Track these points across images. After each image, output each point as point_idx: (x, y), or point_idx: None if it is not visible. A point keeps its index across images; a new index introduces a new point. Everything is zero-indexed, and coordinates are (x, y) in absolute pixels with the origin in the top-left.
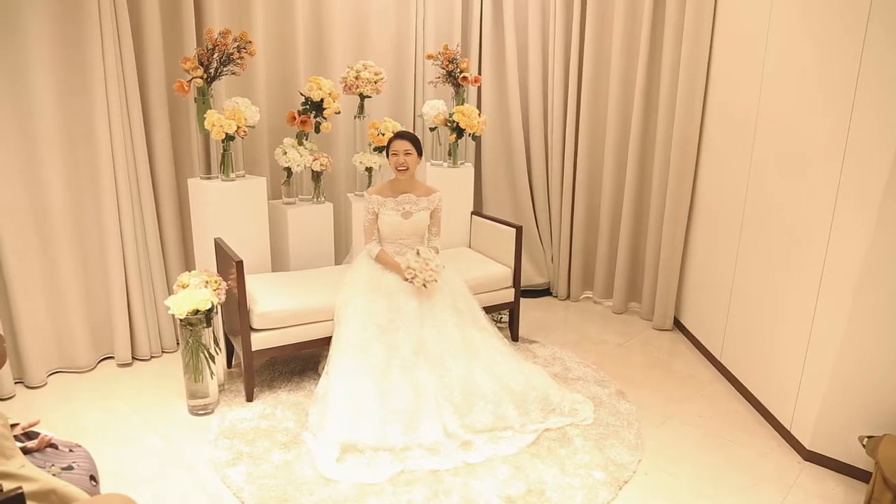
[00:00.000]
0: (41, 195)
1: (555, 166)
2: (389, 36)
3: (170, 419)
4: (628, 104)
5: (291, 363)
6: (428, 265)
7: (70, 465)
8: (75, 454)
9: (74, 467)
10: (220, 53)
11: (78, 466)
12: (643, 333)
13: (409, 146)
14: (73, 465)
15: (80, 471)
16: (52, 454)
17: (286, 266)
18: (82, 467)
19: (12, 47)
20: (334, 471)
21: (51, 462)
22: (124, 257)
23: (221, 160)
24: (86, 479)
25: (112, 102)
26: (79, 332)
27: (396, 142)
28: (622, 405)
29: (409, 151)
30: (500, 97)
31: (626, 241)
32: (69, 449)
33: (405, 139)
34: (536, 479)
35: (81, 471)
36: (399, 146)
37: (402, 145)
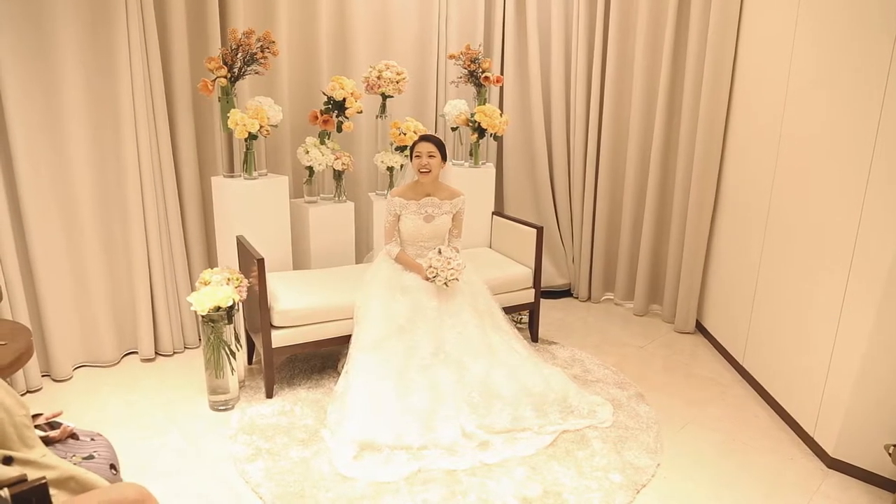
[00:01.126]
0: (69, 194)
1: (577, 166)
2: (412, 36)
3: (191, 414)
4: (651, 104)
5: (312, 360)
6: (449, 264)
7: (91, 454)
8: (96, 443)
9: (95, 456)
10: (243, 53)
11: (98, 455)
12: (665, 336)
13: (432, 148)
14: (93, 455)
15: (100, 460)
16: (73, 444)
17: (307, 264)
18: (103, 456)
19: (43, 44)
20: (351, 468)
21: (72, 452)
22: (148, 254)
23: (244, 159)
24: (105, 467)
25: (138, 101)
26: (104, 327)
27: (420, 144)
28: (641, 408)
29: (433, 154)
30: (523, 97)
31: (649, 242)
32: (90, 438)
33: (429, 142)
34: (553, 480)
35: (102, 460)
36: (422, 148)
37: (426, 147)
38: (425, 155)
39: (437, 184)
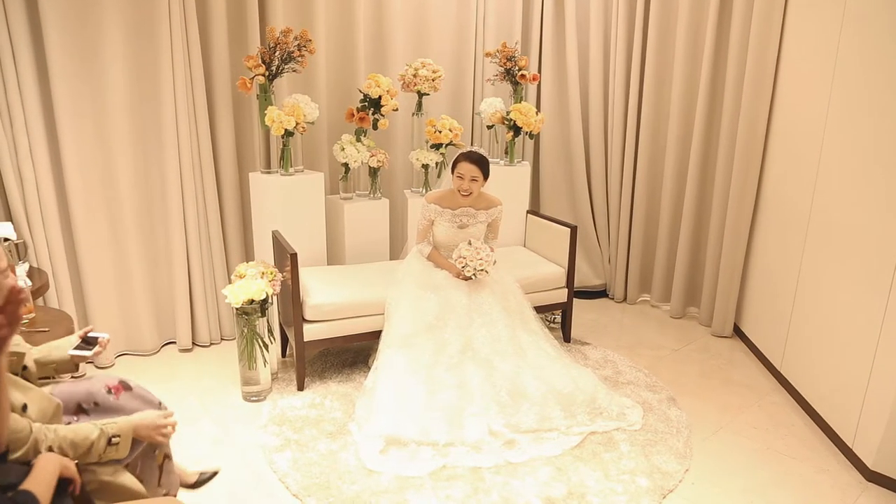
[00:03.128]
0: (113, 188)
1: (614, 166)
2: (449, 34)
3: (224, 404)
4: (691, 103)
5: (343, 355)
6: (479, 254)
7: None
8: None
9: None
10: (281, 52)
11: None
12: (701, 340)
13: (476, 173)
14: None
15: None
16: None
17: (341, 260)
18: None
19: (90, 44)
20: (377, 462)
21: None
22: (188, 248)
23: (281, 155)
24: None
25: (179, 99)
26: (144, 317)
27: (464, 164)
28: (673, 412)
29: (476, 178)
30: (560, 95)
31: (686, 244)
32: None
33: (474, 163)
34: (578, 482)
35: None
36: (466, 170)
37: (470, 170)
38: (468, 178)
39: (476, 196)
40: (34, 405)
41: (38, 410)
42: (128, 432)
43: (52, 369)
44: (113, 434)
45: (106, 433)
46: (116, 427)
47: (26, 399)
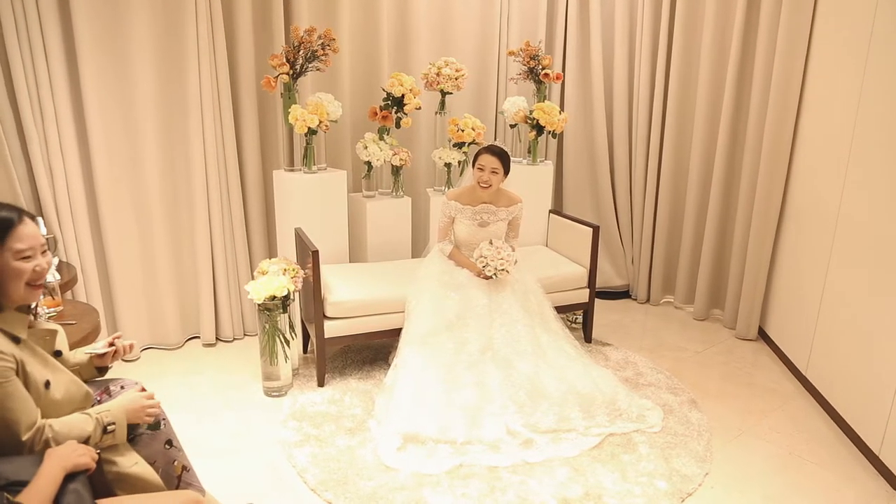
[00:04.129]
0: (140, 186)
1: (638, 166)
2: (473, 33)
3: (245, 398)
4: (717, 103)
5: (364, 352)
6: (499, 253)
7: (159, 422)
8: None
9: (162, 427)
10: (305, 51)
11: (165, 426)
12: (725, 342)
13: (497, 164)
14: (161, 424)
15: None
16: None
17: (363, 258)
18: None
19: (119, 43)
20: (395, 459)
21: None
22: (212, 244)
23: (304, 153)
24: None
25: (205, 97)
26: (169, 312)
27: (485, 156)
28: (693, 415)
29: (496, 170)
30: (584, 95)
31: (711, 245)
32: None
33: (494, 155)
34: (595, 483)
35: (162, 434)
36: (486, 162)
37: (491, 162)
38: (488, 170)
39: (496, 192)
40: (61, 386)
41: (64, 391)
42: (122, 418)
43: (76, 372)
44: (108, 423)
45: (101, 422)
46: (111, 415)
47: (51, 377)
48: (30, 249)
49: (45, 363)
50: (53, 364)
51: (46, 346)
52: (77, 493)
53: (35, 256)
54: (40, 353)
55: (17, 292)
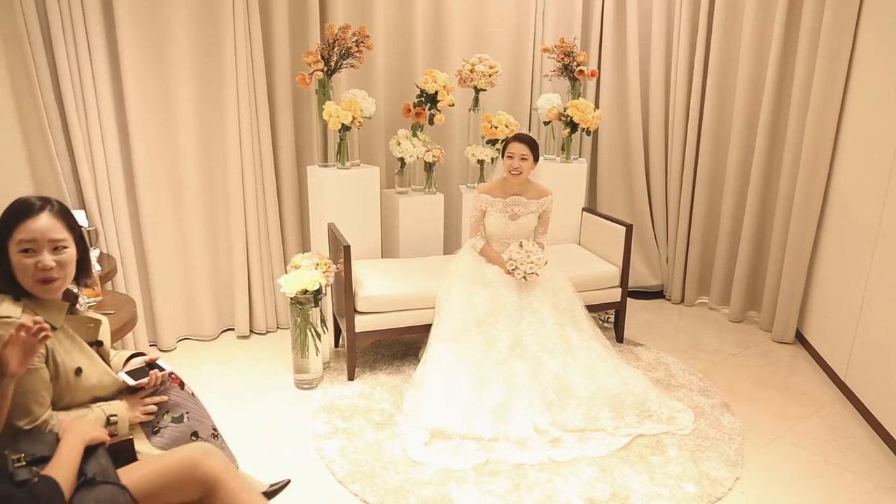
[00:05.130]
0: (178, 180)
1: (674, 164)
2: (508, 29)
3: (277, 390)
4: (756, 101)
5: (394, 347)
6: (529, 257)
7: (182, 415)
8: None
9: (185, 420)
10: (339, 48)
11: (188, 419)
12: (760, 345)
13: (526, 151)
14: (184, 417)
15: (185, 425)
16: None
17: (396, 254)
18: (190, 423)
19: (159, 41)
20: (422, 454)
21: (165, 409)
22: (247, 238)
23: (338, 149)
24: (187, 435)
25: (241, 94)
26: (205, 304)
27: (514, 144)
28: (726, 418)
29: (526, 157)
30: (620, 92)
31: (748, 245)
32: (192, 393)
33: (523, 143)
34: (623, 484)
35: (185, 426)
36: (516, 149)
37: (520, 149)
38: (517, 157)
39: (526, 183)
40: (94, 375)
41: (97, 380)
42: (123, 412)
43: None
44: (111, 413)
45: (105, 412)
46: (112, 408)
47: (85, 364)
48: (31, 242)
49: (81, 350)
50: (89, 352)
51: (89, 333)
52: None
53: (39, 252)
54: (77, 341)
55: (28, 286)
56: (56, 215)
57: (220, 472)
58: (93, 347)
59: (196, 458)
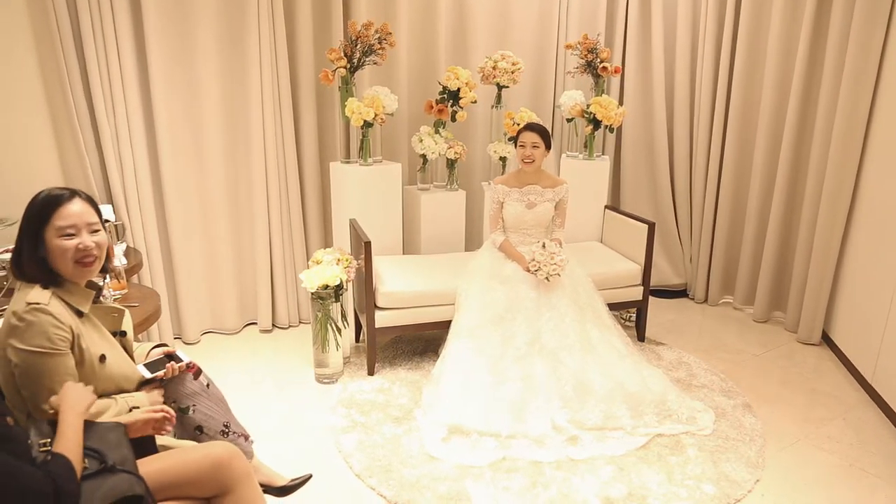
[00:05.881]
0: (203, 175)
1: (699, 162)
2: (531, 26)
3: (298, 384)
4: (783, 99)
5: (415, 343)
6: (553, 259)
7: (189, 407)
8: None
9: (190, 412)
10: (362, 45)
11: (194, 412)
12: (785, 346)
13: (536, 139)
14: (190, 409)
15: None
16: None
17: (417, 250)
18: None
19: (185, 38)
20: (439, 449)
21: (172, 399)
22: (270, 233)
23: (360, 146)
24: (190, 428)
25: (266, 91)
26: (228, 298)
27: (525, 133)
28: (747, 419)
29: (537, 144)
30: (644, 89)
31: (774, 244)
32: (206, 384)
33: (533, 131)
34: (640, 483)
35: (189, 420)
36: (527, 138)
37: (530, 137)
38: (529, 145)
39: (540, 172)
40: (117, 364)
41: (119, 369)
42: (145, 403)
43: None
44: (133, 405)
45: (128, 403)
46: (135, 399)
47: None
48: (71, 227)
49: (105, 339)
50: (112, 341)
51: (113, 322)
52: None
53: (79, 234)
54: (102, 329)
55: (67, 270)
56: (86, 201)
57: (240, 476)
58: (116, 337)
59: (222, 460)
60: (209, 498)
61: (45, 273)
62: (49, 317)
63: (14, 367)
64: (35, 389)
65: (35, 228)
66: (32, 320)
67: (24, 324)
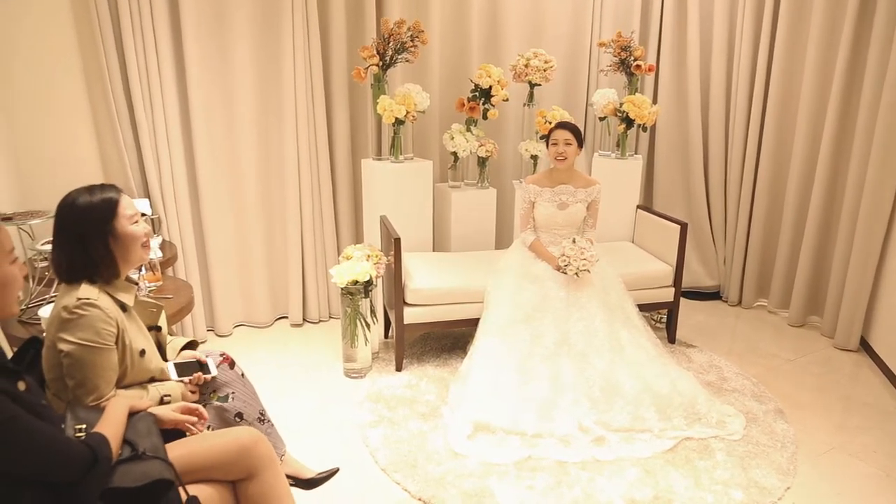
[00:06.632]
0: (237, 172)
1: (734, 161)
2: (564, 23)
3: (326, 378)
4: (823, 98)
5: (443, 340)
6: (583, 254)
7: (228, 395)
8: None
9: (230, 399)
10: (394, 43)
11: (233, 399)
12: (821, 351)
13: (569, 136)
14: (230, 397)
15: (230, 405)
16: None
17: (447, 247)
18: (234, 404)
19: (221, 36)
20: (464, 446)
21: (212, 388)
22: (302, 229)
23: (392, 143)
24: (231, 415)
25: (299, 88)
26: (260, 292)
27: (557, 131)
28: (779, 425)
29: (570, 142)
30: (679, 87)
31: (811, 246)
32: (241, 374)
33: (565, 129)
34: (666, 487)
35: (230, 406)
36: (559, 136)
37: (562, 135)
38: (562, 143)
39: (572, 172)
40: (154, 359)
41: (156, 363)
42: (177, 392)
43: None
44: (165, 394)
45: (160, 392)
46: (166, 388)
47: (147, 347)
48: (135, 214)
49: (143, 333)
50: (148, 336)
51: (151, 317)
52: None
53: (139, 220)
54: (140, 324)
55: (137, 254)
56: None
57: (265, 461)
58: (151, 332)
59: (247, 445)
60: (234, 481)
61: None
62: (99, 311)
63: (63, 357)
64: (81, 379)
65: (103, 225)
66: (84, 314)
67: (74, 317)
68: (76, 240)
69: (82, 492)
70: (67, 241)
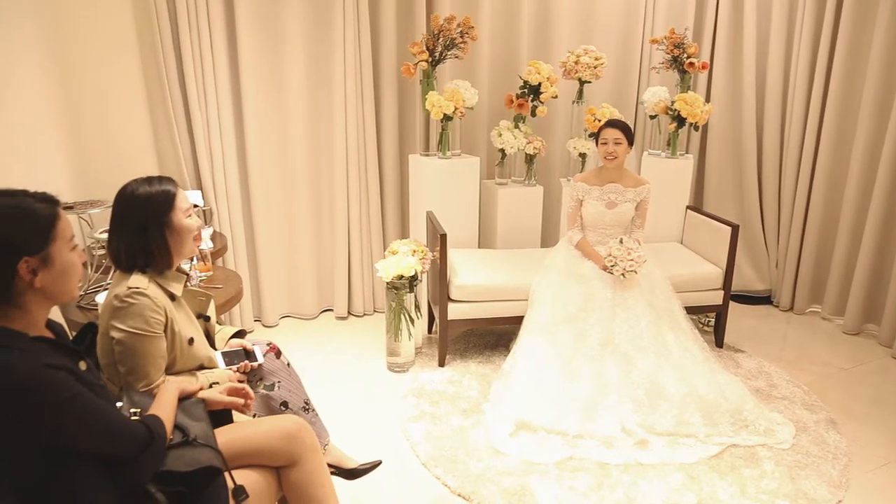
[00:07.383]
0: (287, 166)
1: (790, 163)
2: (616, 19)
3: (369, 372)
4: (887, 99)
5: (487, 337)
6: (630, 255)
7: (274, 384)
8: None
9: (276, 388)
10: (444, 39)
11: (279, 388)
12: (878, 361)
13: (619, 135)
14: (275, 385)
15: (276, 394)
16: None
17: (493, 244)
18: (280, 393)
19: (274, 33)
20: (506, 444)
21: (259, 376)
22: (349, 223)
23: (440, 139)
24: (277, 404)
25: (349, 84)
26: (307, 285)
27: (606, 130)
28: (831, 436)
29: (619, 140)
30: (733, 86)
31: (869, 251)
32: (287, 363)
33: (616, 127)
34: (710, 494)
35: (276, 395)
36: (609, 134)
37: (612, 134)
38: (612, 142)
39: (622, 170)
40: (202, 348)
41: (204, 351)
42: (225, 379)
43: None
44: (213, 381)
45: (209, 379)
46: (215, 375)
47: (196, 335)
48: (190, 208)
49: (192, 323)
50: (196, 324)
51: (200, 306)
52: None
53: (192, 214)
54: (189, 313)
55: (189, 246)
56: None
57: (308, 449)
58: (199, 321)
59: (292, 432)
60: (278, 468)
61: (150, 259)
62: (147, 300)
63: (115, 344)
64: (131, 366)
65: (160, 216)
66: (133, 303)
67: (125, 306)
68: (134, 229)
69: (136, 469)
70: (125, 230)
